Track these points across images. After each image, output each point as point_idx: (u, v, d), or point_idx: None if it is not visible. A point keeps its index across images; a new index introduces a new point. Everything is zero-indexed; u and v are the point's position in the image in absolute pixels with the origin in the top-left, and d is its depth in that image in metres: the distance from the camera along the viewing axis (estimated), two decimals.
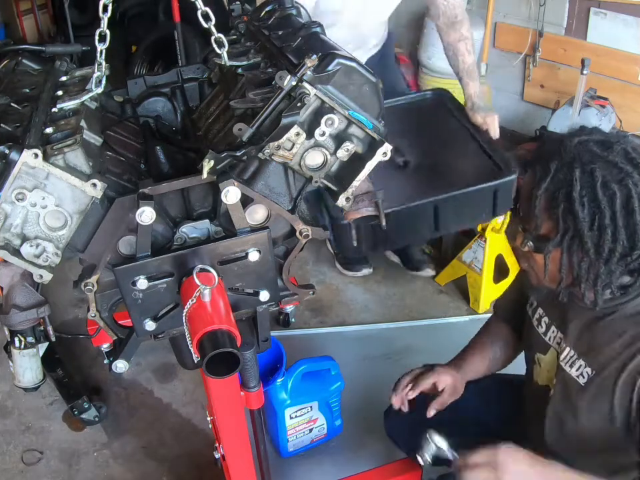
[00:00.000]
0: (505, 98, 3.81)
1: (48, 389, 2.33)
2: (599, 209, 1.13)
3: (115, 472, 2.13)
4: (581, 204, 1.14)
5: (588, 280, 1.19)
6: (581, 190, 1.14)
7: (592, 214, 1.14)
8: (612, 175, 1.13)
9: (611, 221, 1.13)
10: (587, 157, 1.16)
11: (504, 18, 3.60)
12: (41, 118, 1.06)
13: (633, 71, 3.18)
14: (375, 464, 1.85)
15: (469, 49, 2.12)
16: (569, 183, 1.15)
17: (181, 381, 2.44)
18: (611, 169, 1.14)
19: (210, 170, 1.00)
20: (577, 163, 1.15)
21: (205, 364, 0.97)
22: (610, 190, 1.13)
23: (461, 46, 2.12)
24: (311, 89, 1.02)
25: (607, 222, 1.13)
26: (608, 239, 1.13)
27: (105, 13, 1.10)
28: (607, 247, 1.14)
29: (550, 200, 1.18)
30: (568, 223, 1.16)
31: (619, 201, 1.12)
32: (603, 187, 1.13)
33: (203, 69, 1.41)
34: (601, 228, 1.13)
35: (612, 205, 1.13)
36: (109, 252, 1.07)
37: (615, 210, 1.13)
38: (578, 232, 1.15)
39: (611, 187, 1.13)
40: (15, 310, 1.20)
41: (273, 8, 1.38)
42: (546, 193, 1.18)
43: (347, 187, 1.09)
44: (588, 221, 1.14)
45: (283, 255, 1.20)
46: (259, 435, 1.50)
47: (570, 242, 1.17)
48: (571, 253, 1.18)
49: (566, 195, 1.15)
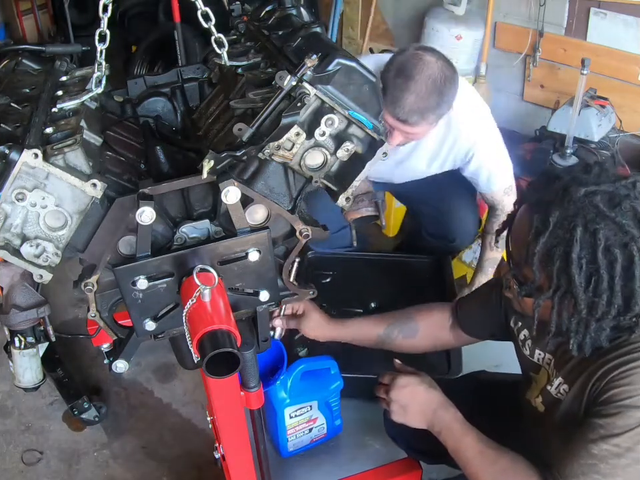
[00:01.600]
0: (505, 98, 3.81)
1: (48, 388, 2.33)
2: (597, 272, 1.06)
3: (115, 472, 2.13)
4: (579, 266, 1.06)
5: (577, 334, 1.13)
6: (580, 251, 1.06)
7: (588, 276, 1.07)
8: (616, 238, 1.06)
9: (609, 285, 1.07)
10: (592, 215, 1.06)
11: (504, 18, 3.59)
12: (41, 118, 1.06)
13: (633, 71, 3.18)
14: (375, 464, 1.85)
15: (492, 244, 2.23)
16: (568, 242, 1.07)
17: (181, 380, 2.44)
18: (616, 231, 1.06)
19: (210, 170, 1.00)
20: (580, 220, 1.06)
21: (205, 364, 0.97)
22: (612, 255, 1.05)
23: (486, 239, 2.28)
24: (311, 89, 1.02)
25: (604, 286, 1.07)
26: (603, 303, 1.08)
27: (104, 13, 1.10)
28: (601, 309, 1.09)
29: (546, 255, 1.10)
30: (562, 282, 1.09)
31: (619, 266, 1.05)
32: (604, 250, 1.05)
33: (203, 69, 1.41)
34: (597, 292, 1.07)
35: (611, 270, 1.06)
36: (109, 252, 1.07)
37: (613, 275, 1.06)
38: (571, 292, 1.09)
39: (613, 251, 1.05)
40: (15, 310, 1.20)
41: (273, 8, 1.38)
42: (543, 248, 1.10)
43: (347, 186, 1.09)
44: (584, 284, 1.07)
45: (283, 255, 1.20)
46: (259, 435, 1.50)
47: (561, 298, 1.11)
48: (562, 308, 1.12)
49: (564, 254, 1.07)
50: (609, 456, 1.09)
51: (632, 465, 1.09)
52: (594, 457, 1.10)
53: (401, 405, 1.41)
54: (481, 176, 2.13)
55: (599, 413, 1.13)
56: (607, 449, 1.09)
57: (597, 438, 1.10)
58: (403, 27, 4.15)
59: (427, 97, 1.78)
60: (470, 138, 2.05)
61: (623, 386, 1.10)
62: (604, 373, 1.14)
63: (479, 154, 2.07)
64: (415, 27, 3.97)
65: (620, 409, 1.10)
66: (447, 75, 1.81)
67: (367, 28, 4.03)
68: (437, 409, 1.37)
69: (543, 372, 1.37)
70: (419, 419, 1.40)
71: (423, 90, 1.77)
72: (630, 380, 1.10)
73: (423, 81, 1.77)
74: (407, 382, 1.42)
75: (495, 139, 2.12)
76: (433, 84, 1.78)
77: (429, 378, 1.44)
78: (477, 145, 2.06)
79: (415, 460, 1.77)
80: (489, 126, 2.10)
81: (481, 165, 2.10)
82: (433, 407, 1.38)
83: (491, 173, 2.11)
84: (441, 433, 1.35)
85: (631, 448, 1.08)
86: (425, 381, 1.42)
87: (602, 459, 1.10)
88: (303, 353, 2.18)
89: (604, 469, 1.10)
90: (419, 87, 1.77)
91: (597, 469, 1.10)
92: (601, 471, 1.10)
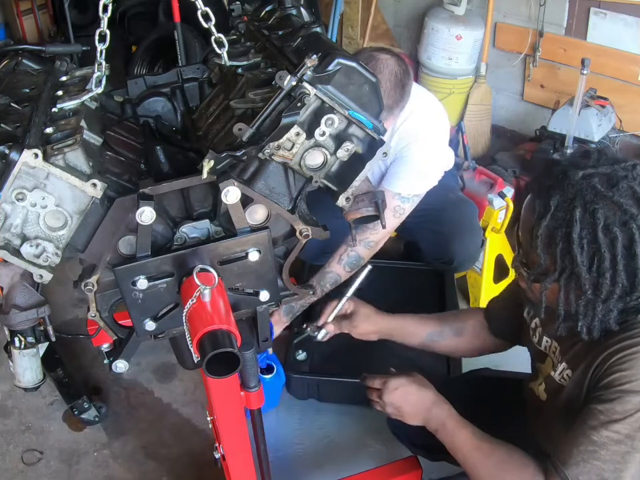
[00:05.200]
0: (505, 98, 3.81)
1: (48, 388, 2.33)
2: (599, 251, 1.09)
3: (115, 472, 2.13)
4: (580, 246, 1.09)
5: (586, 317, 1.15)
6: (581, 231, 1.09)
7: (591, 256, 1.10)
8: (615, 217, 1.08)
9: (611, 264, 1.09)
10: (590, 195, 1.09)
11: (504, 18, 3.60)
12: (41, 118, 1.06)
13: (633, 71, 3.18)
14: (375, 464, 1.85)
15: (342, 256, 2.06)
16: (568, 222, 1.10)
17: (181, 380, 2.44)
18: (614, 211, 1.08)
19: (210, 170, 1.00)
20: (579, 201, 1.10)
21: (205, 364, 0.97)
22: (612, 233, 1.08)
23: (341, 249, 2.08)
24: (311, 89, 1.02)
25: (606, 265, 1.09)
26: (607, 282, 1.10)
27: (104, 13, 1.10)
28: (606, 289, 1.11)
29: (549, 237, 1.13)
30: (566, 263, 1.12)
31: (620, 244, 1.08)
32: (604, 229, 1.08)
33: (203, 69, 1.41)
34: (600, 271, 1.10)
35: (612, 249, 1.08)
36: (109, 252, 1.07)
37: (615, 253, 1.08)
38: (575, 273, 1.12)
39: (612, 230, 1.08)
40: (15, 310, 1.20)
41: (273, 8, 1.38)
42: (545, 231, 1.13)
43: (347, 187, 1.09)
44: (586, 263, 1.10)
45: (283, 255, 1.20)
46: (259, 435, 1.50)
47: (567, 280, 1.14)
48: (568, 290, 1.15)
49: (565, 235, 1.11)
50: (609, 442, 1.10)
51: (631, 453, 1.09)
52: (594, 444, 1.11)
53: (395, 407, 1.42)
54: (400, 166, 2.07)
55: (598, 398, 1.13)
56: (607, 435, 1.10)
57: (597, 424, 1.11)
58: (403, 27, 4.15)
59: (392, 92, 1.87)
60: (410, 134, 2.07)
61: (622, 371, 1.11)
62: (605, 358, 1.15)
63: (412, 147, 2.06)
64: (415, 27, 3.98)
65: (619, 394, 1.10)
66: (403, 68, 1.90)
67: (367, 28, 4.03)
68: (430, 407, 1.38)
69: (548, 361, 1.38)
70: (415, 419, 1.41)
71: (388, 87, 1.84)
72: (630, 365, 1.11)
73: (386, 78, 1.84)
74: (398, 384, 1.42)
75: (433, 144, 2.11)
76: (395, 78, 1.87)
77: (420, 376, 1.45)
78: (415, 140, 2.06)
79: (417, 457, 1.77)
80: (433, 128, 2.11)
81: (408, 156, 2.07)
82: (427, 405, 1.38)
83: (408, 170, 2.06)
84: (437, 430, 1.36)
85: (631, 435, 1.09)
86: (416, 381, 1.43)
87: (602, 446, 1.10)
88: (302, 357, 2.17)
89: (604, 456, 1.10)
90: (383, 85, 1.81)
91: (597, 455, 1.10)
92: (601, 457, 1.10)
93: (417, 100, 2.04)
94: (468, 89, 3.73)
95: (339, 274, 2.03)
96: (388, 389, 1.43)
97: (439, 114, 2.16)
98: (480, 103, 3.72)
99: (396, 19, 4.19)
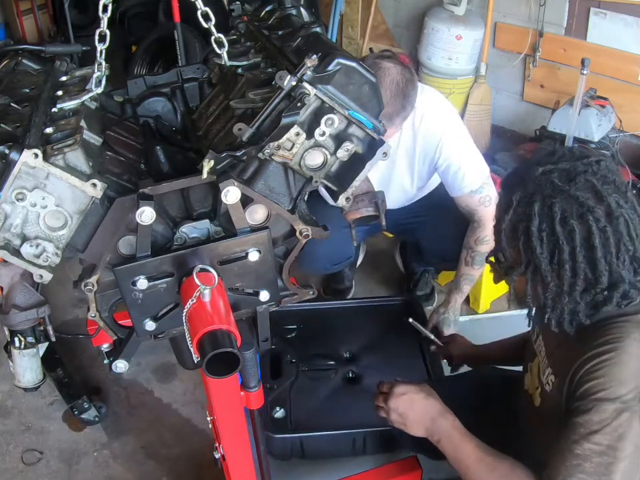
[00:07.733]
0: (505, 98, 3.81)
1: (48, 388, 2.33)
2: (557, 243, 1.12)
3: (115, 472, 2.13)
4: (539, 239, 1.13)
5: (554, 309, 1.18)
6: (540, 224, 1.13)
7: (551, 249, 1.13)
8: (572, 210, 1.11)
9: (570, 256, 1.12)
10: (548, 190, 1.14)
11: (504, 18, 3.60)
12: (41, 118, 1.06)
13: (633, 71, 3.18)
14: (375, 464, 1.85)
15: (467, 259, 2.14)
16: (528, 216, 1.14)
17: (181, 380, 2.44)
18: (571, 204, 1.12)
19: (210, 170, 1.00)
20: (538, 196, 1.14)
21: (205, 364, 0.97)
22: (569, 225, 1.11)
23: (462, 253, 2.16)
24: (311, 89, 1.02)
25: (565, 257, 1.12)
26: (567, 274, 1.13)
27: (104, 13, 1.10)
28: (567, 280, 1.14)
29: (512, 231, 1.18)
30: (528, 255, 1.16)
31: (578, 236, 1.11)
32: (561, 222, 1.11)
33: (203, 69, 1.41)
34: (560, 263, 1.13)
35: (571, 241, 1.11)
36: (109, 252, 1.07)
37: (574, 245, 1.11)
38: (537, 265, 1.15)
39: (569, 222, 1.11)
40: (15, 310, 1.20)
41: (273, 8, 1.38)
42: (509, 225, 1.18)
43: (347, 186, 1.09)
44: (547, 255, 1.13)
45: (283, 255, 1.20)
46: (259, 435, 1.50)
47: (533, 273, 1.17)
48: (535, 283, 1.18)
49: (525, 228, 1.15)
50: (591, 455, 1.10)
51: (614, 464, 1.09)
52: (578, 457, 1.11)
53: (399, 413, 1.41)
54: (451, 170, 2.08)
55: (577, 410, 1.13)
56: (589, 447, 1.10)
57: (578, 437, 1.11)
58: (403, 27, 4.15)
59: (393, 101, 1.84)
60: (436, 132, 2.07)
61: (597, 379, 1.12)
62: (581, 364, 1.15)
63: (447, 145, 2.06)
64: (415, 27, 3.98)
65: (594, 402, 1.10)
66: (407, 77, 1.87)
67: (367, 28, 4.03)
68: (435, 417, 1.36)
69: (536, 360, 1.39)
70: (418, 428, 1.39)
71: (388, 96, 1.82)
72: (603, 372, 1.11)
73: (386, 86, 1.82)
74: (405, 390, 1.42)
75: (462, 133, 2.12)
76: (397, 87, 1.84)
77: (428, 387, 1.43)
78: (444, 136, 2.06)
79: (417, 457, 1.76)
80: (453, 120, 2.12)
81: (449, 155, 2.07)
82: (432, 415, 1.37)
83: (460, 167, 2.07)
84: (440, 441, 1.35)
85: (612, 445, 1.09)
86: (424, 390, 1.42)
87: (585, 458, 1.10)
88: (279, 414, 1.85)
89: (588, 468, 1.10)
90: (383, 94, 1.79)
91: (582, 468, 1.10)
92: (585, 470, 1.10)
93: (425, 96, 2.03)
94: (468, 89, 3.73)
95: (473, 274, 2.15)
96: (395, 393, 1.41)
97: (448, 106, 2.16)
98: (480, 103, 3.72)
99: (396, 19, 4.19)
